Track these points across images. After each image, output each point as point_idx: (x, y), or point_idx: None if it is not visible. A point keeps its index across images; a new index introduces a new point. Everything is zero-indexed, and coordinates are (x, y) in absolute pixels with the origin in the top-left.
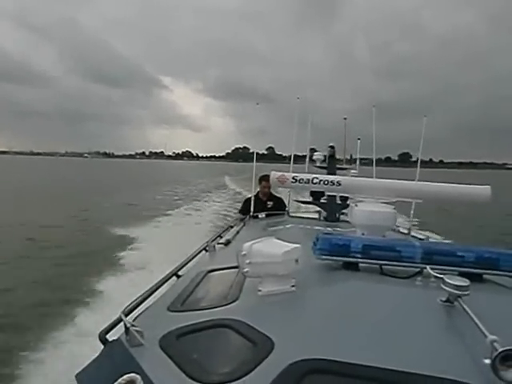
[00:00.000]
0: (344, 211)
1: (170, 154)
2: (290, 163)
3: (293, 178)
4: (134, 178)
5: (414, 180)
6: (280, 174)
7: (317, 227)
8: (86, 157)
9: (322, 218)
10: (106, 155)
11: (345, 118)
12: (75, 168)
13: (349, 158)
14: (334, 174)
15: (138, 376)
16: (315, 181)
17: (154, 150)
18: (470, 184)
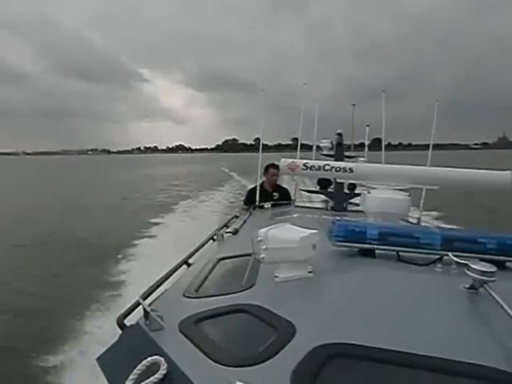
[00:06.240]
0: (351, 201)
1: (164, 148)
2: (272, 152)
3: (304, 165)
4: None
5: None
6: (290, 161)
7: (325, 216)
8: (90, 154)
9: (329, 208)
10: (107, 152)
11: (353, 105)
12: (123, 163)
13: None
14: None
15: (161, 358)
16: (327, 168)
17: (148, 145)
18: (490, 169)
